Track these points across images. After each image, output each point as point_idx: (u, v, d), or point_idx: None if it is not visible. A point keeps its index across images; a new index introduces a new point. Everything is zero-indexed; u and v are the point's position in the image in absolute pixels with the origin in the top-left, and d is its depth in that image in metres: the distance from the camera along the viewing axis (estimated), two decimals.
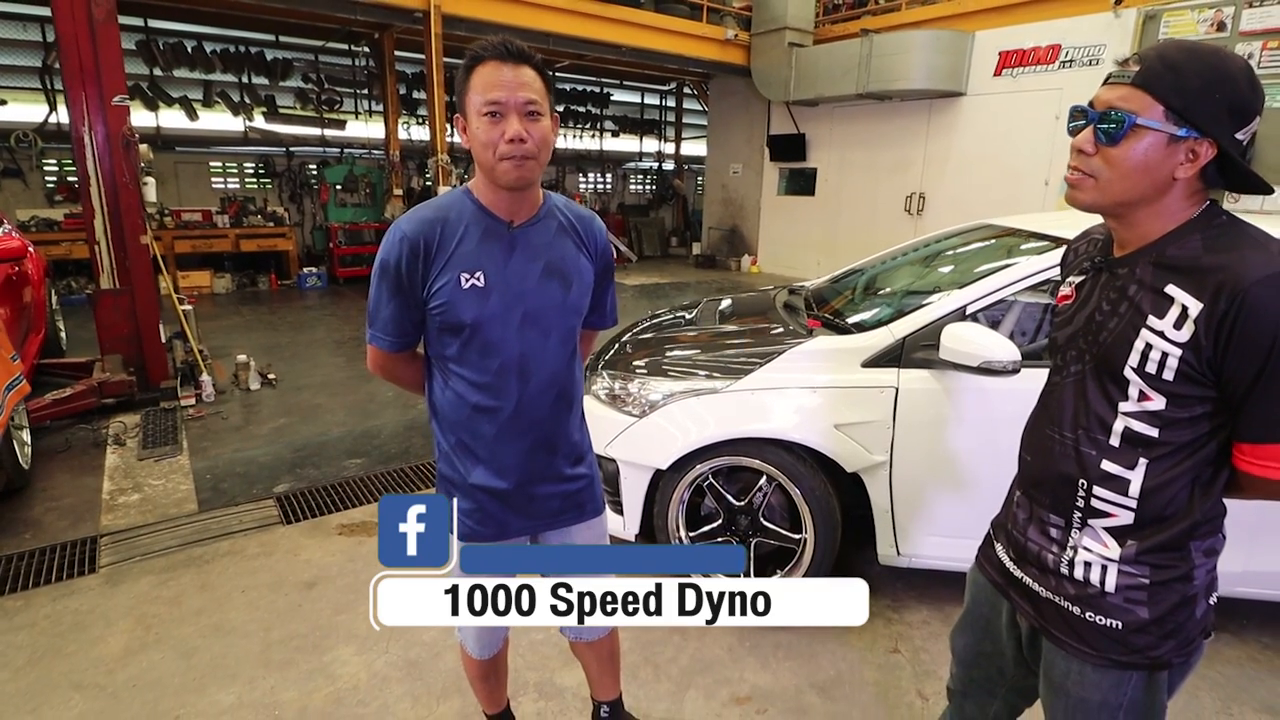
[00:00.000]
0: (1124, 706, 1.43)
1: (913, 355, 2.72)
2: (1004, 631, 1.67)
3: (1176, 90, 1.23)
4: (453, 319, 1.65)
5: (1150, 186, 1.28)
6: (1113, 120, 1.26)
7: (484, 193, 1.68)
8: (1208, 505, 1.34)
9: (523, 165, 1.56)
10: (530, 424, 1.74)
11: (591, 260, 1.80)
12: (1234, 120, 1.22)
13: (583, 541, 1.93)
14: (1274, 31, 7.45)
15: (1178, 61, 1.24)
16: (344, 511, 3.92)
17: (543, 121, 1.58)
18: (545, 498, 1.83)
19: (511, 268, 1.67)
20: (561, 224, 1.75)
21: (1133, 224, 1.34)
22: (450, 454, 1.79)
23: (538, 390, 1.73)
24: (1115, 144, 1.27)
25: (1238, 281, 1.18)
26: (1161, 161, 1.25)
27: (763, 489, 2.89)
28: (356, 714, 2.46)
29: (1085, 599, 1.42)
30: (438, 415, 1.81)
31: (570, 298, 1.74)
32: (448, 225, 1.65)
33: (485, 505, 1.78)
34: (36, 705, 2.48)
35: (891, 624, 3.01)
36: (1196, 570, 1.36)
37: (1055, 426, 1.46)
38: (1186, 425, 1.30)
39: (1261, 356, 1.19)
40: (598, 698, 2.28)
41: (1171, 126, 1.23)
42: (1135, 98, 1.25)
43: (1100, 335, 1.36)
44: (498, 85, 1.53)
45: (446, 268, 1.63)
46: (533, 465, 1.78)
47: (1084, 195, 1.34)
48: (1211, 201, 1.31)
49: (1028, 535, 1.53)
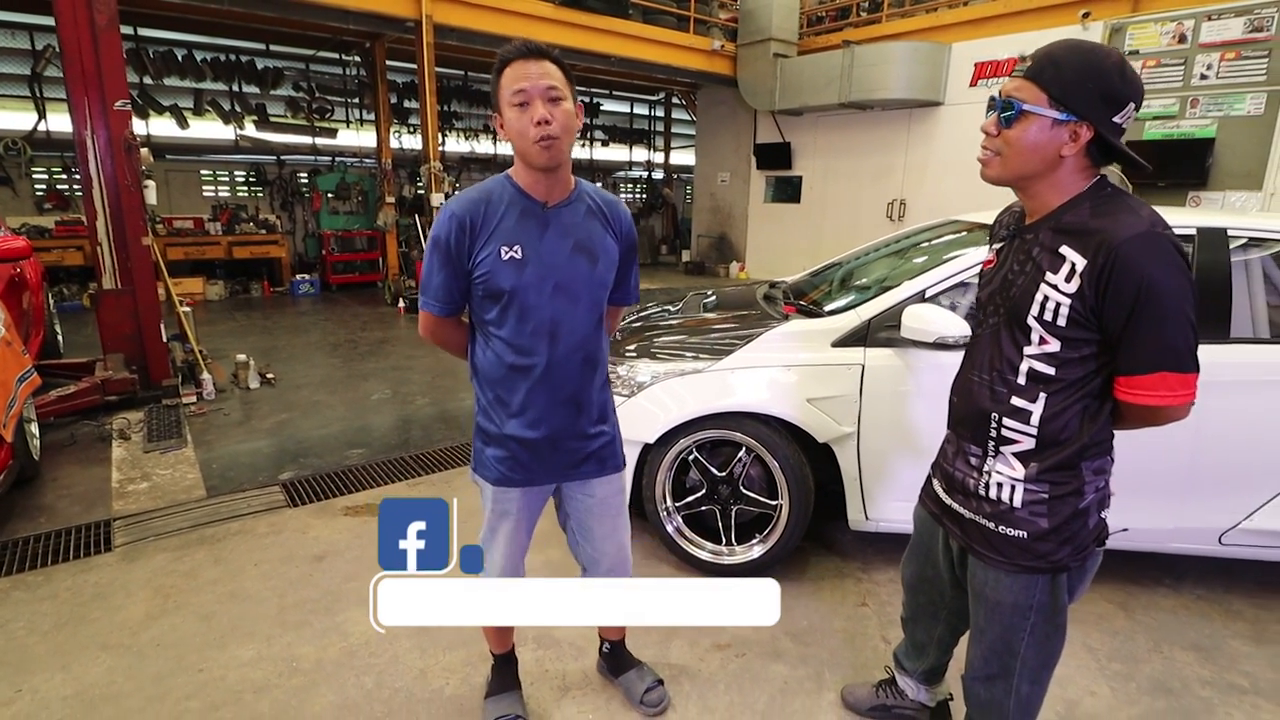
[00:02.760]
0: (1033, 607, 1.71)
1: (877, 335, 2.96)
2: (940, 556, 1.98)
3: (1057, 81, 1.50)
4: (493, 287, 1.90)
5: (1041, 162, 1.55)
6: (1009, 106, 1.54)
7: (522, 177, 1.92)
8: (1095, 430, 1.62)
9: (551, 146, 1.80)
10: (559, 382, 1.98)
11: (616, 240, 2.04)
12: (1108, 106, 1.50)
13: (602, 494, 2.18)
14: (1232, 43, 7.79)
15: (1059, 57, 1.52)
16: (348, 495, 4.12)
17: (565, 104, 1.82)
18: (570, 450, 2.07)
19: (545, 243, 1.91)
20: (590, 207, 2.00)
21: (1034, 195, 1.63)
22: (488, 408, 2.05)
23: (566, 351, 1.97)
24: (1010, 126, 1.56)
25: (1112, 240, 1.45)
26: (1048, 141, 1.53)
27: (742, 460, 3.12)
28: (369, 664, 2.67)
29: (999, 515, 1.70)
30: (478, 374, 2.06)
31: (596, 272, 1.98)
32: (490, 205, 1.90)
33: (517, 454, 2.03)
34: (67, 663, 2.66)
35: (861, 582, 3.25)
36: (1086, 486, 1.64)
37: (976, 370, 1.75)
38: (1077, 364, 1.58)
39: (1130, 301, 1.46)
40: (604, 636, 2.56)
41: (1054, 112, 1.51)
42: (1026, 88, 1.54)
43: (1011, 291, 1.64)
44: (522, 78, 1.78)
45: (489, 242, 1.88)
46: (560, 420, 2.02)
47: (990, 170, 1.63)
48: (1101, 176, 1.59)
49: (955, 466, 1.82)
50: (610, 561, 2.25)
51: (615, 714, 2.45)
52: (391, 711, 2.44)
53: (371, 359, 7.56)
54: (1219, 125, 8.06)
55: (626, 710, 2.46)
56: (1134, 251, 1.44)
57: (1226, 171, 8.08)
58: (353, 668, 2.65)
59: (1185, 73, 8.20)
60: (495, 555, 2.15)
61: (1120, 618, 3.03)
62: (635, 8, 11.60)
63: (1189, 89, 8.21)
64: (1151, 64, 8.41)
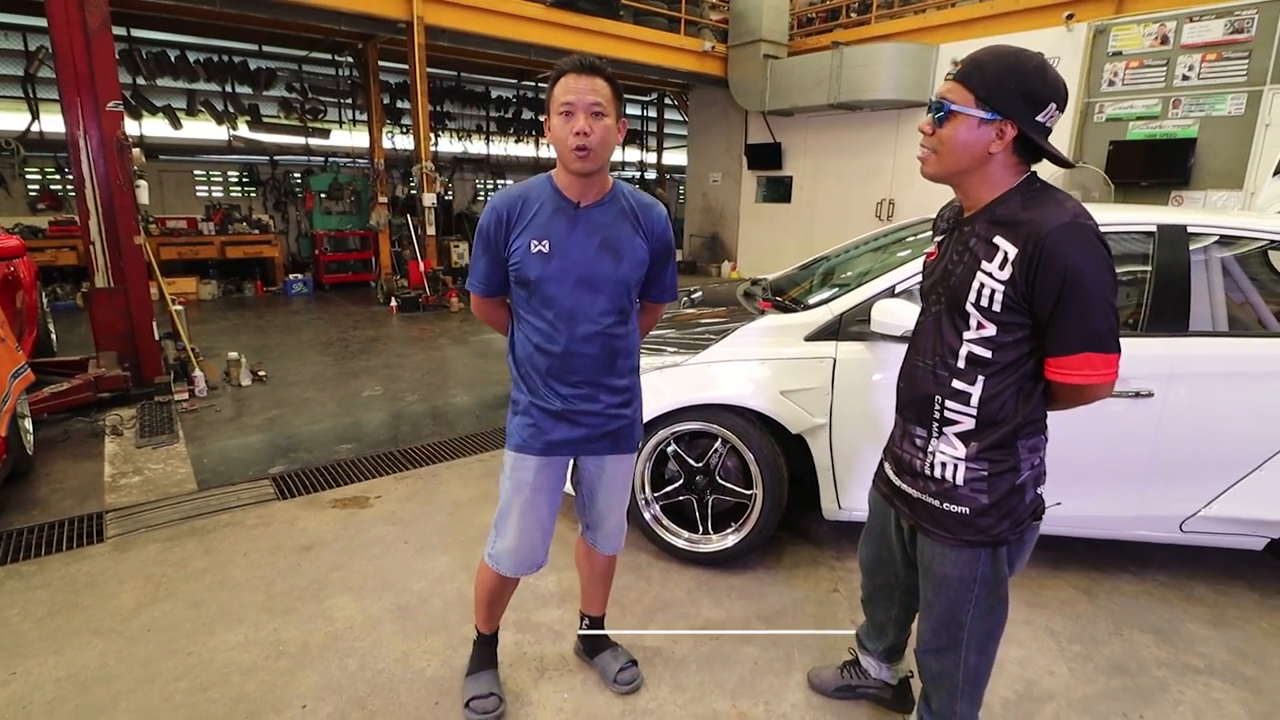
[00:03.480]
0: (977, 579, 1.81)
1: (849, 329, 3.05)
2: (894, 536, 2.10)
3: (981, 83, 1.62)
4: (522, 275, 2.08)
5: (972, 159, 1.67)
6: (939, 108, 1.66)
7: (560, 177, 2.10)
8: (1029, 410, 1.72)
9: (586, 156, 1.97)
10: (576, 365, 2.14)
11: (646, 241, 2.17)
12: (1030, 106, 1.61)
13: (612, 469, 2.32)
14: (1213, 44, 7.91)
15: (983, 61, 1.63)
16: (337, 488, 4.20)
17: (606, 120, 1.98)
18: (588, 424, 2.21)
19: (573, 240, 2.07)
20: (623, 208, 2.14)
21: (969, 191, 1.74)
22: (519, 380, 2.23)
23: (583, 339, 2.12)
24: (943, 126, 1.67)
25: (1040, 230, 1.56)
26: (976, 140, 1.64)
27: (718, 451, 3.21)
28: (353, 647, 2.75)
29: (943, 493, 1.80)
30: (513, 351, 2.24)
31: (620, 270, 2.12)
32: (528, 201, 2.09)
33: (539, 421, 2.19)
34: (60, 647, 2.74)
35: (834, 570, 3.35)
36: (1023, 463, 1.75)
37: (920, 356, 1.86)
38: (1011, 347, 1.68)
39: (1057, 286, 1.56)
40: (586, 610, 2.67)
41: (980, 112, 1.62)
42: (955, 90, 1.65)
43: (950, 280, 1.74)
44: (571, 90, 1.95)
45: (523, 234, 2.07)
46: (577, 397, 2.17)
47: (928, 168, 1.75)
48: (1031, 172, 1.70)
49: (903, 448, 1.93)
50: (609, 529, 2.44)
51: (590, 693, 2.54)
52: (374, 691, 2.52)
53: (363, 357, 7.63)
54: (1201, 125, 8.19)
55: (600, 690, 2.55)
56: (1059, 240, 1.55)
57: (1208, 171, 8.20)
58: (337, 651, 2.73)
59: (1168, 73, 8.33)
60: (509, 530, 2.28)
61: (1083, 602, 3.12)
62: (626, 9, 11.69)
63: (1171, 89, 8.34)
64: (1135, 65, 8.54)
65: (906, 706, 2.39)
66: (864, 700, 2.48)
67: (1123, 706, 2.51)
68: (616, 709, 2.46)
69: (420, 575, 3.25)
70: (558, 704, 2.48)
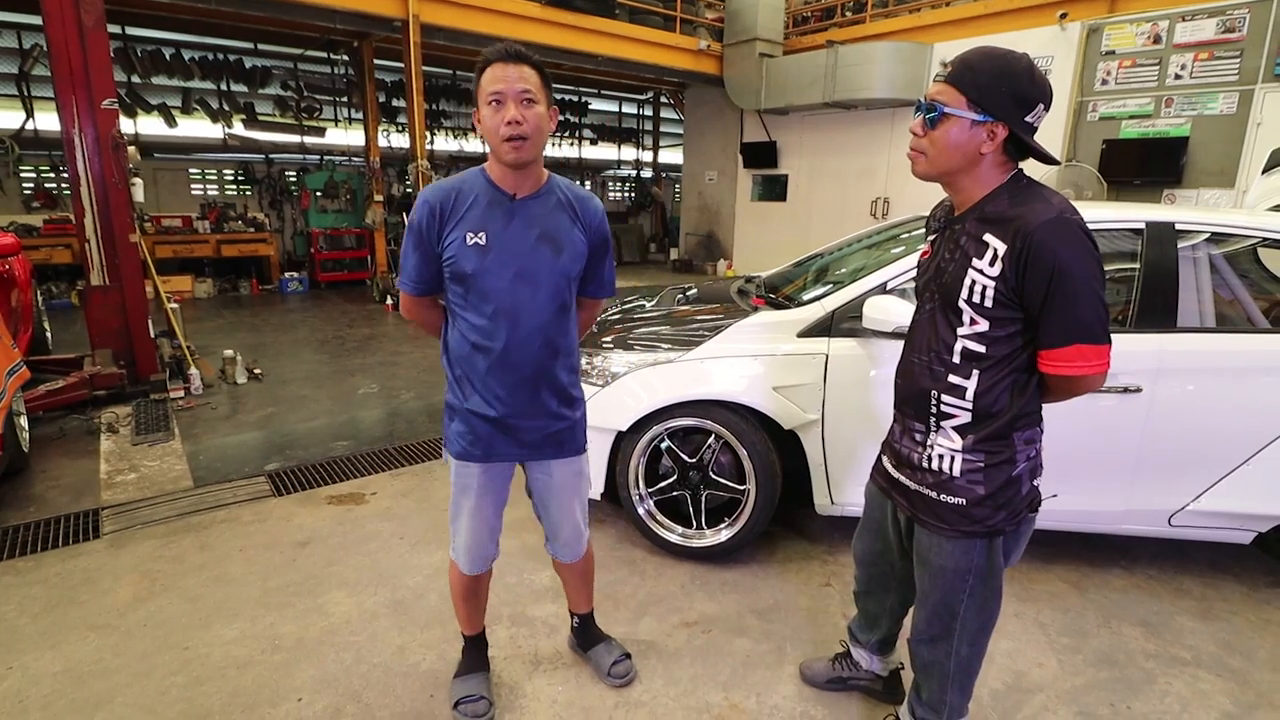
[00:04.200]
0: (972, 570, 1.84)
1: (841, 326, 3.07)
2: (890, 528, 2.11)
3: (973, 85, 1.64)
4: (458, 269, 2.03)
5: (963, 159, 1.69)
6: (931, 109, 1.68)
7: (493, 170, 2.06)
8: (1024, 403, 1.75)
9: (520, 148, 1.93)
10: (517, 364, 2.09)
11: (584, 233, 2.15)
12: (1019, 107, 1.64)
13: (559, 476, 2.29)
14: (1205, 44, 7.95)
15: (974, 62, 1.66)
16: (333, 485, 4.21)
17: (537, 108, 1.94)
18: (529, 430, 2.18)
19: (510, 232, 2.03)
20: (560, 200, 2.12)
21: (959, 190, 1.77)
22: (454, 383, 2.18)
23: (525, 335, 2.08)
24: (934, 127, 1.70)
25: (1028, 225, 1.59)
26: (968, 140, 1.67)
27: (711, 447, 3.23)
28: (348, 641, 2.77)
29: (940, 484, 1.83)
30: (447, 351, 2.19)
31: (560, 262, 2.09)
32: (461, 194, 2.04)
33: (477, 429, 2.15)
34: (56, 642, 2.75)
35: (826, 564, 3.37)
36: (1019, 455, 1.77)
37: (916, 352, 1.88)
38: (1004, 341, 1.71)
39: (1046, 280, 1.59)
40: (573, 610, 2.67)
41: (971, 113, 1.65)
42: (947, 92, 1.68)
43: (943, 278, 1.77)
44: (500, 79, 1.91)
45: (457, 227, 2.02)
46: (518, 399, 2.13)
47: (919, 168, 1.78)
48: (1019, 169, 1.73)
49: (901, 442, 1.96)
50: (566, 537, 2.40)
51: (584, 686, 2.56)
52: (370, 685, 2.54)
53: (359, 355, 7.64)
54: (1193, 124, 8.23)
55: (595, 682, 2.57)
56: (1046, 235, 1.58)
57: (1201, 169, 8.24)
58: (333, 645, 2.75)
59: (1160, 73, 8.37)
60: (460, 530, 2.28)
61: (1073, 596, 3.15)
62: (622, 7, 11.69)
63: (1164, 88, 8.38)
64: (1128, 64, 8.58)
65: (897, 698, 2.41)
66: (855, 692, 2.50)
67: (1110, 697, 2.54)
68: (610, 701, 2.48)
69: (416, 570, 3.26)
70: (552, 696, 2.51)
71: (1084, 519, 3.13)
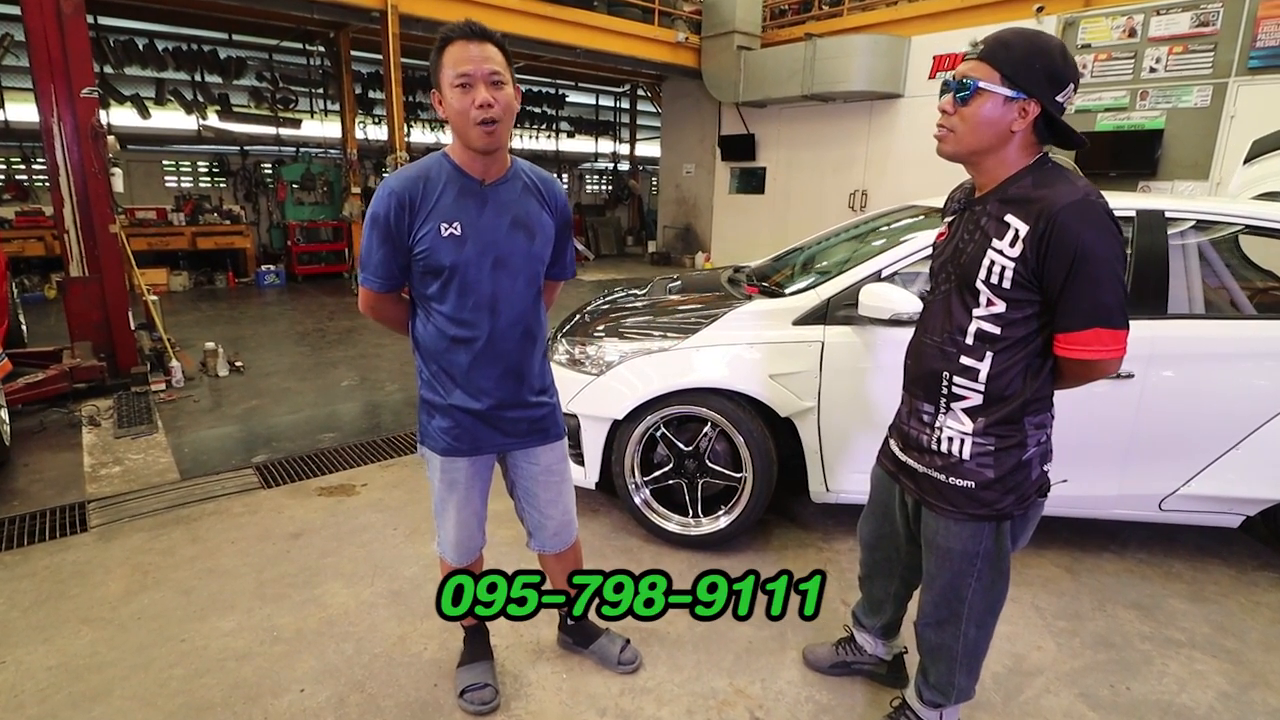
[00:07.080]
0: (980, 553, 1.85)
1: (836, 313, 3.09)
2: (897, 511, 2.11)
3: (1008, 61, 1.64)
4: (434, 263, 1.94)
5: (994, 137, 1.69)
6: (964, 86, 1.68)
7: (459, 155, 1.97)
8: (1036, 387, 1.76)
9: (493, 132, 1.86)
10: (500, 354, 2.05)
11: (552, 215, 2.11)
12: (1052, 85, 1.64)
13: (546, 462, 2.26)
14: (1179, 37, 8.06)
15: (1008, 40, 1.67)
16: (321, 476, 4.18)
17: (506, 89, 1.87)
18: (514, 420, 2.15)
19: (484, 220, 1.97)
20: (526, 184, 2.07)
21: (984, 170, 1.77)
22: (431, 380, 2.10)
23: (507, 325, 2.04)
24: (966, 104, 1.69)
25: (1052, 207, 1.60)
26: (1000, 117, 1.67)
27: (708, 435, 3.24)
28: (348, 632, 2.75)
29: (949, 467, 1.83)
30: (420, 348, 2.11)
31: (534, 247, 2.05)
32: (429, 183, 1.94)
33: (462, 422, 2.10)
34: (49, 636, 2.71)
35: (822, 551, 3.40)
36: (1029, 439, 1.78)
37: (928, 334, 1.88)
38: (1021, 324, 1.71)
39: (1068, 263, 1.60)
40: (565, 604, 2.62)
41: (1005, 89, 1.65)
42: (980, 68, 1.68)
43: (961, 259, 1.77)
44: (466, 60, 1.82)
45: (428, 219, 1.92)
46: (502, 390, 2.09)
47: (946, 146, 1.77)
48: (1044, 153, 1.74)
49: (909, 425, 1.96)
50: (556, 525, 2.36)
51: (588, 673, 2.56)
52: (372, 675, 2.52)
53: (339, 347, 7.58)
54: (1168, 117, 8.35)
55: (598, 670, 2.57)
56: (1071, 216, 1.59)
57: (1175, 162, 8.36)
58: (332, 635, 2.73)
59: (1135, 66, 8.48)
60: (448, 525, 2.23)
61: (1067, 580, 3.20)
62: None
63: (1139, 81, 8.49)
64: (1103, 57, 8.68)
65: (901, 681, 2.43)
66: (859, 676, 2.53)
67: (1110, 679, 2.58)
68: (615, 687, 2.49)
69: (411, 560, 3.25)
70: (556, 684, 2.51)
71: (1077, 504, 3.17)
